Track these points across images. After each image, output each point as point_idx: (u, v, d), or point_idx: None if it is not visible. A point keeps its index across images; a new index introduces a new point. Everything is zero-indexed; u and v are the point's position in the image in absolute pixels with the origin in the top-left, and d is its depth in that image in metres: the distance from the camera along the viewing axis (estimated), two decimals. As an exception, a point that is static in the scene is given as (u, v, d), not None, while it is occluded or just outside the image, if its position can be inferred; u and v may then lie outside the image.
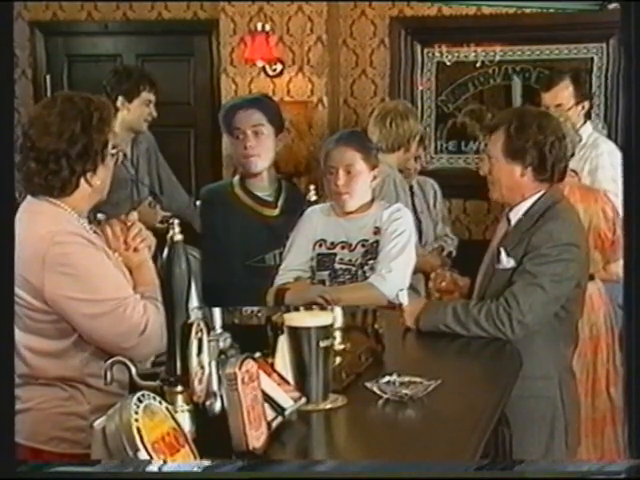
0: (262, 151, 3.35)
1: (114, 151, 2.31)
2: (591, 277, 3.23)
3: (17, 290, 2.12)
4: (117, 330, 2.16)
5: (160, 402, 1.62)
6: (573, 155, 3.46)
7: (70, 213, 2.26)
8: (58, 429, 2.22)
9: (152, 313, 2.16)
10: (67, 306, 2.16)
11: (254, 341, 2.06)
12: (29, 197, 2.28)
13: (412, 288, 3.09)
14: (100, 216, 2.96)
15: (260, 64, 5.28)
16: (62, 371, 2.22)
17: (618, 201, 3.46)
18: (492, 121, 3.05)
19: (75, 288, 2.15)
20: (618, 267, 3.36)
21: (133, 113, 4.06)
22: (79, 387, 2.22)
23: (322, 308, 2.50)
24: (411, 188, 4.25)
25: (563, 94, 4.08)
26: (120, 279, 2.24)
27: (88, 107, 2.24)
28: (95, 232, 2.32)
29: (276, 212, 3.41)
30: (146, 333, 2.15)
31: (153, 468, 1.49)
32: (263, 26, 5.19)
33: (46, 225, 2.20)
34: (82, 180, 2.24)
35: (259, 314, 2.50)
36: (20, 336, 2.19)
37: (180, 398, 1.76)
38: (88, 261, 2.19)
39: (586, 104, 4.13)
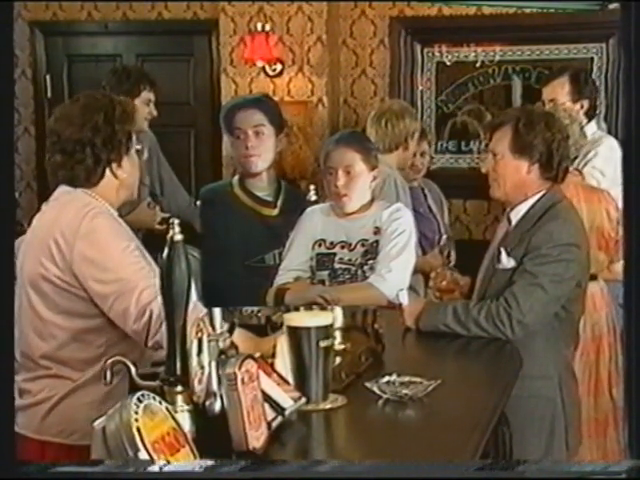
0: (263, 151, 3.36)
1: (139, 147, 2.36)
2: (594, 277, 3.23)
3: (49, 266, 2.19)
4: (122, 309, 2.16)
5: (160, 402, 1.62)
6: (577, 158, 3.47)
7: (101, 202, 2.30)
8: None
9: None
10: (86, 273, 2.18)
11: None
12: (61, 187, 2.32)
13: (411, 289, 3.09)
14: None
15: (260, 64, 5.27)
16: (86, 353, 2.24)
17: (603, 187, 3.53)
18: (497, 119, 3.04)
19: (96, 262, 2.18)
20: (621, 267, 3.35)
21: None
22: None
23: (322, 308, 2.50)
24: (423, 190, 4.26)
25: (558, 90, 4.08)
26: (140, 264, 2.23)
27: (111, 102, 2.32)
28: None
29: (275, 212, 3.41)
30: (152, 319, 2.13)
31: (153, 468, 1.48)
32: (263, 26, 5.19)
33: (80, 205, 2.24)
34: (107, 171, 2.30)
35: (259, 314, 2.50)
36: (49, 315, 2.23)
37: (180, 398, 1.76)
38: (113, 238, 2.22)
39: (585, 103, 4.12)
